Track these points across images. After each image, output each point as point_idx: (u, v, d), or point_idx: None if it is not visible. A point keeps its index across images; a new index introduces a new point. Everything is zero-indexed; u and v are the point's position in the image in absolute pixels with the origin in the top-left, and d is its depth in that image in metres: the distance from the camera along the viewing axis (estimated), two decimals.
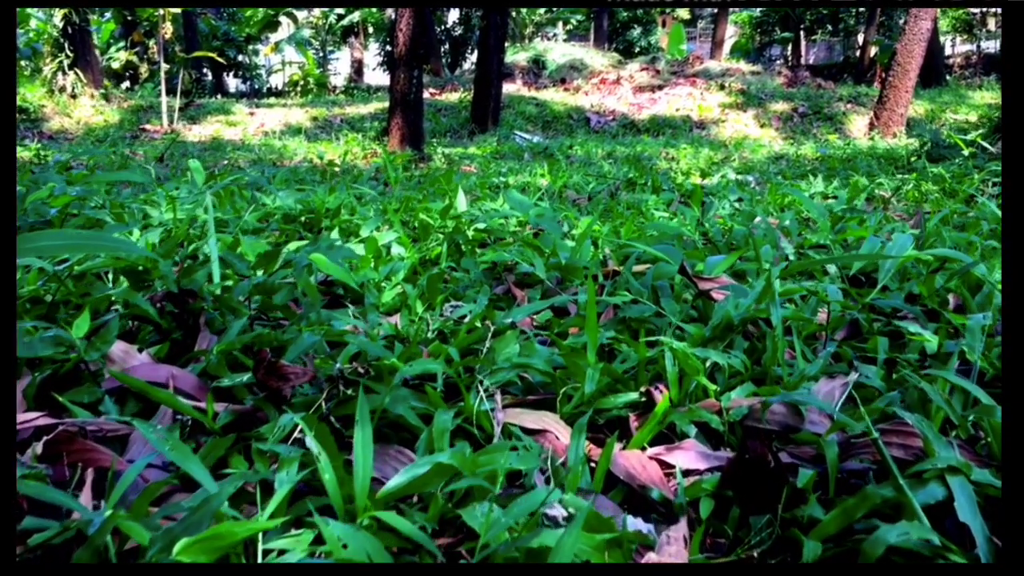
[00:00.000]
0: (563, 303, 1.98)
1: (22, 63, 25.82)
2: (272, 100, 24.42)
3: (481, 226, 2.63)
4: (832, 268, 2.14)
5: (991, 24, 33.03)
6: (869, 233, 2.49)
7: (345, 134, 13.63)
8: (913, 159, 6.87)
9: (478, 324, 1.76)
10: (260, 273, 1.89)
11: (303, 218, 3.17)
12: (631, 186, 5.36)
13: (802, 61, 35.11)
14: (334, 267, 1.70)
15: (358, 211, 3.31)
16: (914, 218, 3.42)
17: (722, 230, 2.87)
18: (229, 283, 1.78)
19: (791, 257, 2.23)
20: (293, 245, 2.24)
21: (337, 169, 9.22)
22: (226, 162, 10.86)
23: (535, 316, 1.93)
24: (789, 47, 37.03)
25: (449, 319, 1.79)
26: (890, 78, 15.96)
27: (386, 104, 12.89)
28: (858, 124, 18.17)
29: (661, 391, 1.38)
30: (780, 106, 19.59)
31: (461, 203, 2.92)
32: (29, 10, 23.48)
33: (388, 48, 27.79)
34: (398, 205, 3.21)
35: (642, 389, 1.38)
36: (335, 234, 2.47)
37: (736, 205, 4.52)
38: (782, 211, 4.35)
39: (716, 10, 31.43)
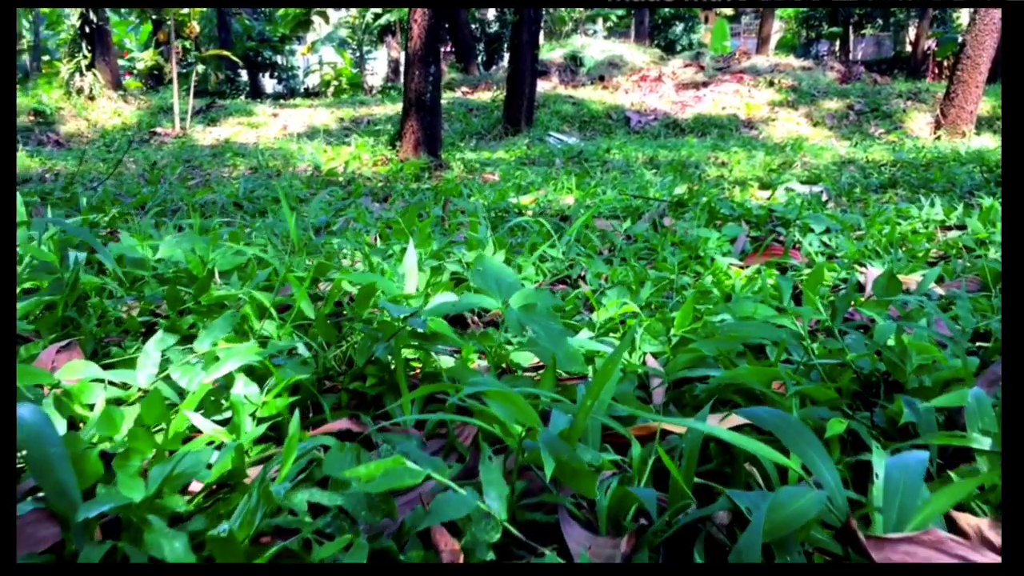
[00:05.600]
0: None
1: (53, 63, 25.27)
2: (298, 100, 23.56)
3: (426, 324, 1.48)
4: None
5: None
6: None
7: (357, 137, 12.56)
8: None
9: None
10: None
11: (179, 284, 2.05)
12: (679, 209, 4.17)
13: (850, 57, 33.43)
14: None
15: (271, 265, 2.18)
16: None
17: (865, 340, 1.63)
18: None
19: None
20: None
21: (341, 179, 8.08)
22: (226, 169, 9.79)
23: None
24: (837, 42, 35.36)
25: None
26: (959, 72, 14.45)
27: None
28: (919, 122, 16.66)
29: None
30: (833, 103, 18.13)
31: (410, 274, 1.72)
32: (64, 11, 22.84)
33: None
34: (308, 271, 1.99)
35: None
36: (160, 340, 1.35)
37: (825, 240, 3.31)
38: (890, 247, 3.14)
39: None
